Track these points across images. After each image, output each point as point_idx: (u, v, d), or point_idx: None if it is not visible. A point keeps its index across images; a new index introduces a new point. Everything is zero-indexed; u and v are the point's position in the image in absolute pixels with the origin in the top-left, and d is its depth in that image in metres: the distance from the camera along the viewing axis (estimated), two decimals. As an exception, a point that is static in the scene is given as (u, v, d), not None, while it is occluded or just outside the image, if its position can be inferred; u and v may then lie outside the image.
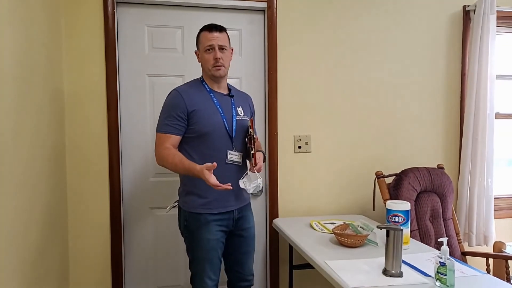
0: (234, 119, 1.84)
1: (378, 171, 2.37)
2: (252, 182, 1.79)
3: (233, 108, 1.86)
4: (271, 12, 2.40)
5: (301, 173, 2.51)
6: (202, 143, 1.78)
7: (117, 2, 2.26)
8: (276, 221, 2.33)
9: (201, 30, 1.83)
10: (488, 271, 2.22)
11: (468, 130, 2.58)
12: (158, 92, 2.35)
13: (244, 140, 1.88)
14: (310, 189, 2.53)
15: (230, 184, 1.63)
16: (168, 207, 1.97)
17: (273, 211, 2.47)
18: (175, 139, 1.77)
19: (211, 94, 1.83)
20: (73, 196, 2.24)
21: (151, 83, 2.35)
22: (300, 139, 2.49)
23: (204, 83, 1.85)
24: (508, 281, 2.13)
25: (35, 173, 1.69)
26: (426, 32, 2.63)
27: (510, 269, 2.24)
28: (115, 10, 2.25)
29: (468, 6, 2.63)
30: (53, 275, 1.94)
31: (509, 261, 2.19)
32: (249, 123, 1.84)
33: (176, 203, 1.92)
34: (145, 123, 2.35)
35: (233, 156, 1.83)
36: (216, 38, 1.78)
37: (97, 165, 2.26)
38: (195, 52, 1.87)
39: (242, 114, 1.89)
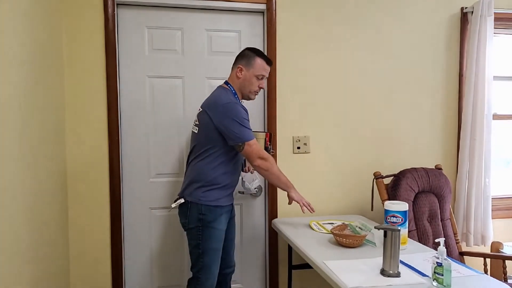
0: None
1: (377, 171, 2.39)
2: (253, 182, 2.03)
3: None
4: (270, 14, 2.42)
5: (300, 174, 2.52)
6: (237, 153, 1.93)
7: (117, 4, 2.27)
8: (275, 221, 2.34)
9: (260, 56, 1.95)
10: (486, 271, 2.23)
11: (466, 131, 2.59)
12: (158, 93, 2.37)
13: None
14: (309, 189, 2.54)
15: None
16: (175, 203, 1.93)
17: (272, 211, 2.48)
18: None
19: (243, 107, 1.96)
20: (73, 197, 2.25)
21: (151, 84, 2.37)
22: (299, 140, 2.51)
23: (236, 96, 1.97)
24: (506, 281, 2.14)
25: (36, 174, 1.71)
26: (424, 34, 2.65)
27: (507, 269, 2.26)
28: (115, 12, 2.26)
29: (466, 7, 2.65)
30: (53, 276, 1.95)
31: (506, 261, 2.21)
32: (265, 137, 2.05)
33: (182, 199, 1.92)
34: (145, 124, 2.36)
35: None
36: (268, 71, 1.99)
37: (97, 166, 2.27)
38: (239, 67, 1.94)
39: None
